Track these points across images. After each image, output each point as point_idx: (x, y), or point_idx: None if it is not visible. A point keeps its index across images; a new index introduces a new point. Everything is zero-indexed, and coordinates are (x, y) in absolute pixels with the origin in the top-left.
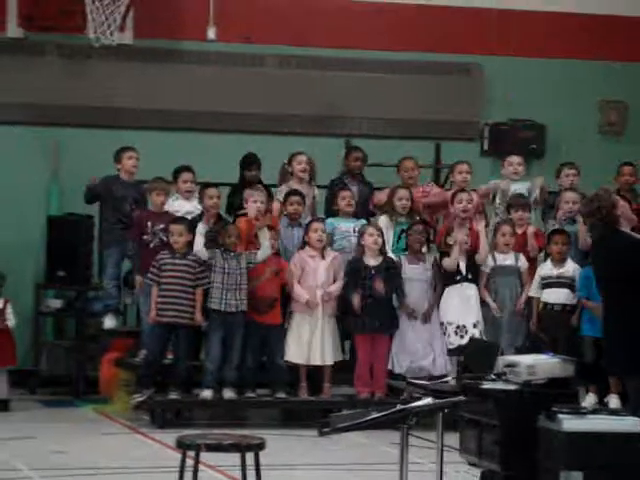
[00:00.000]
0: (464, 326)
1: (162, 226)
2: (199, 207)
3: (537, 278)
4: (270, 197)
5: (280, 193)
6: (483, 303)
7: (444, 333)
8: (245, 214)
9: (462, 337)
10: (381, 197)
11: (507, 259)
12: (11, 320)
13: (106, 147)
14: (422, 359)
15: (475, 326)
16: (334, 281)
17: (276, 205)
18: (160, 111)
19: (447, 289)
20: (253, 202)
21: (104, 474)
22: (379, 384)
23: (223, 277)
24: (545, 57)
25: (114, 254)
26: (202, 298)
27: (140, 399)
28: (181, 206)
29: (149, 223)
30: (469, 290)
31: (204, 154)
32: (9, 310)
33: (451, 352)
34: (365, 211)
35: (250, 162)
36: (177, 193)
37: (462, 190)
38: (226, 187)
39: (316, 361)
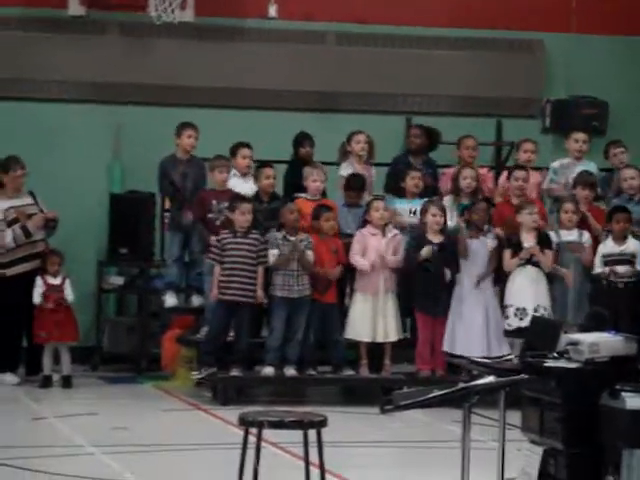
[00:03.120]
0: (524, 308)
1: (226, 204)
2: (254, 187)
3: (599, 255)
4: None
5: (343, 170)
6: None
7: (506, 316)
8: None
9: (521, 319)
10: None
11: (571, 235)
12: (70, 295)
13: (167, 125)
14: (476, 341)
15: (536, 310)
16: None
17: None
18: (221, 89)
19: (514, 271)
20: (313, 182)
21: (166, 450)
22: (439, 362)
23: (285, 264)
24: (607, 34)
25: (178, 234)
26: (264, 276)
27: (201, 376)
28: (237, 186)
29: (214, 201)
30: (534, 273)
31: (264, 132)
32: (67, 286)
33: (509, 334)
34: (428, 190)
35: (303, 139)
36: (235, 170)
37: (519, 167)
38: (283, 166)
39: (379, 338)
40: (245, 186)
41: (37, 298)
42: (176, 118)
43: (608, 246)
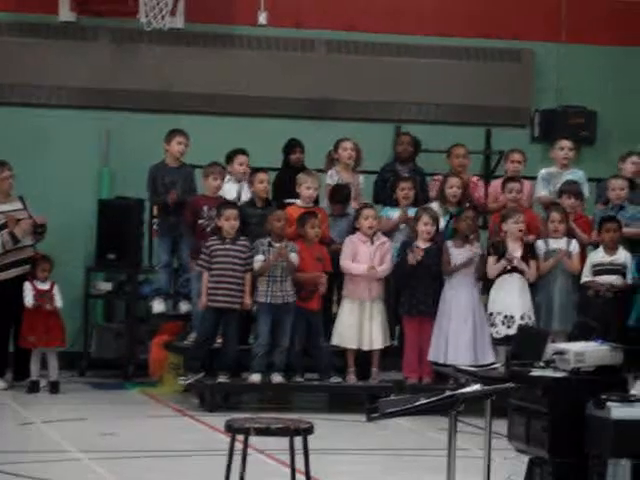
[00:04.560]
0: (512, 316)
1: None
2: (247, 193)
3: (588, 265)
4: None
5: (331, 177)
6: (533, 291)
7: (492, 323)
8: (293, 203)
9: (509, 327)
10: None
11: (559, 243)
12: (58, 301)
13: (156, 131)
14: (463, 350)
15: (523, 318)
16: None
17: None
18: (210, 95)
19: (497, 279)
20: (306, 189)
21: (153, 457)
22: (427, 370)
23: (269, 270)
24: (596, 44)
25: (166, 240)
26: (251, 283)
27: (188, 382)
28: (231, 191)
29: (205, 207)
30: (519, 281)
31: (253, 139)
32: (56, 291)
33: (497, 342)
34: (420, 199)
35: (293, 145)
36: (231, 175)
37: (512, 179)
38: (273, 172)
39: (365, 345)
40: (233, 192)
41: (29, 302)
42: (166, 124)
43: (598, 256)
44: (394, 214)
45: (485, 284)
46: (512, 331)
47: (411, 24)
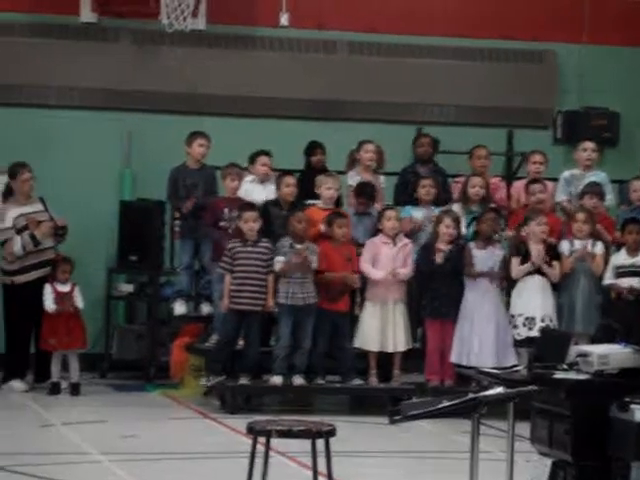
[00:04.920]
0: (533, 318)
1: (238, 212)
2: (270, 195)
3: (611, 267)
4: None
5: (352, 178)
6: (556, 293)
7: (513, 325)
8: (314, 204)
9: (530, 329)
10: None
11: (583, 244)
12: (80, 302)
13: (178, 133)
14: (485, 352)
15: (543, 320)
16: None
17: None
18: (232, 97)
19: (519, 281)
20: (327, 190)
21: (174, 459)
22: (449, 372)
23: (290, 271)
24: (619, 45)
25: (188, 242)
26: (274, 284)
27: (209, 384)
28: (251, 192)
29: (225, 209)
30: (541, 282)
31: (275, 140)
32: (77, 293)
33: (518, 343)
34: (442, 199)
35: (314, 147)
36: (253, 175)
37: (536, 180)
38: (295, 174)
39: (388, 348)
40: (260, 193)
41: (49, 306)
42: (187, 126)
43: (620, 258)
44: (417, 213)
45: (507, 286)
46: (533, 333)
47: (433, 25)
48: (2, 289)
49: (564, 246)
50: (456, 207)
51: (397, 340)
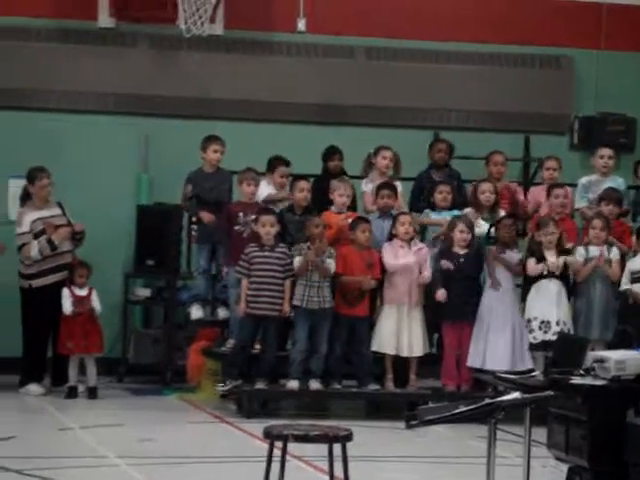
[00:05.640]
0: (548, 322)
1: (253, 217)
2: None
3: (627, 272)
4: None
5: (366, 185)
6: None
7: (530, 329)
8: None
9: (545, 332)
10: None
11: (598, 251)
12: (97, 307)
13: (195, 138)
14: (501, 355)
15: (558, 324)
16: (419, 272)
17: (368, 196)
18: (249, 102)
19: (534, 285)
20: (339, 196)
21: (191, 463)
22: (465, 377)
23: (306, 274)
24: (636, 51)
25: (205, 247)
26: (290, 289)
27: (226, 388)
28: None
29: (241, 214)
30: (556, 287)
31: (292, 146)
32: (94, 297)
33: (534, 347)
34: (458, 204)
35: (332, 152)
36: (270, 183)
37: (558, 185)
38: (312, 179)
39: (404, 352)
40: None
41: (67, 309)
42: (204, 131)
43: (637, 264)
44: (435, 216)
45: (523, 291)
46: (549, 336)
47: (450, 31)
48: (20, 293)
49: (580, 253)
50: (469, 211)
51: (413, 345)
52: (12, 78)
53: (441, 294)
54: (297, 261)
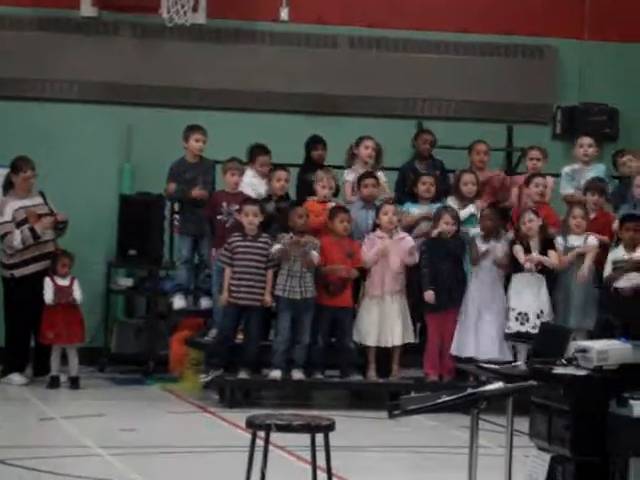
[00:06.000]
0: (526, 313)
1: (237, 207)
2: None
3: (609, 262)
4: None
5: (348, 175)
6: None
7: (507, 319)
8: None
9: (522, 324)
10: None
11: (577, 240)
12: (79, 296)
13: (178, 127)
14: (487, 344)
15: (538, 316)
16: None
17: (349, 186)
18: (232, 91)
19: (515, 276)
20: (322, 187)
21: (173, 453)
22: (448, 367)
23: (288, 264)
24: (619, 41)
25: (188, 236)
26: (272, 280)
27: (208, 378)
28: (252, 185)
29: (224, 203)
30: (537, 279)
31: (275, 135)
32: (76, 287)
33: (508, 337)
34: (441, 194)
35: (316, 142)
36: (253, 170)
37: (538, 174)
38: (295, 169)
39: (386, 342)
40: (264, 186)
41: (49, 298)
42: (187, 120)
43: (618, 253)
44: (415, 210)
45: (505, 282)
46: (525, 328)
47: (433, 20)
48: (1, 282)
49: (559, 242)
50: (451, 200)
51: (394, 334)
52: None
53: (429, 295)
54: (275, 248)
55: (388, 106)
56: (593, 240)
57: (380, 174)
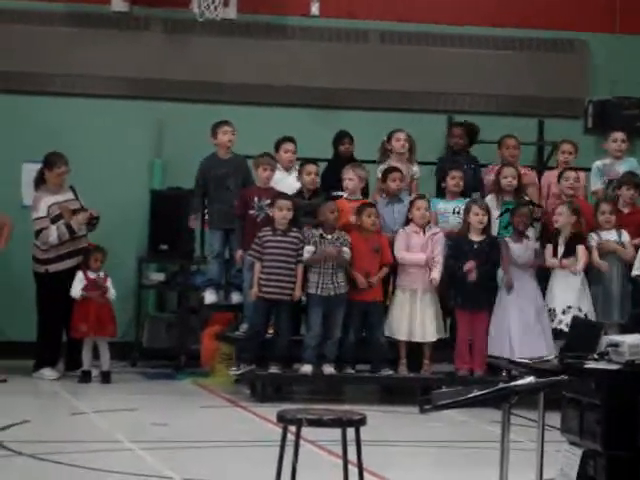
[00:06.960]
0: (554, 309)
1: (268, 201)
2: (297, 183)
3: (639, 257)
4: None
5: (381, 171)
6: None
7: (552, 317)
8: (341, 196)
9: (552, 320)
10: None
11: (610, 235)
12: (111, 293)
13: (209, 122)
14: (522, 343)
15: (564, 312)
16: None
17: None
18: (263, 86)
19: (554, 273)
20: (349, 180)
21: (204, 447)
22: (478, 361)
23: (320, 261)
24: None
25: (219, 232)
26: (303, 274)
27: (240, 373)
28: (280, 180)
29: (255, 198)
30: (570, 276)
31: (304, 129)
32: (109, 283)
33: (559, 334)
34: (471, 189)
35: (342, 136)
36: (278, 164)
37: (570, 168)
38: (322, 163)
39: (416, 337)
40: (287, 181)
41: (76, 292)
42: (218, 115)
43: None
44: (442, 206)
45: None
46: (554, 325)
47: (465, 15)
48: (35, 277)
49: (592, 238)
50: (489, 198)
51: (426, 330)
52: (26, 63)
53: (470, 265)
54: (307, 251)
55: (419, 101)
56: (626, 237)
57: (415, 169)
